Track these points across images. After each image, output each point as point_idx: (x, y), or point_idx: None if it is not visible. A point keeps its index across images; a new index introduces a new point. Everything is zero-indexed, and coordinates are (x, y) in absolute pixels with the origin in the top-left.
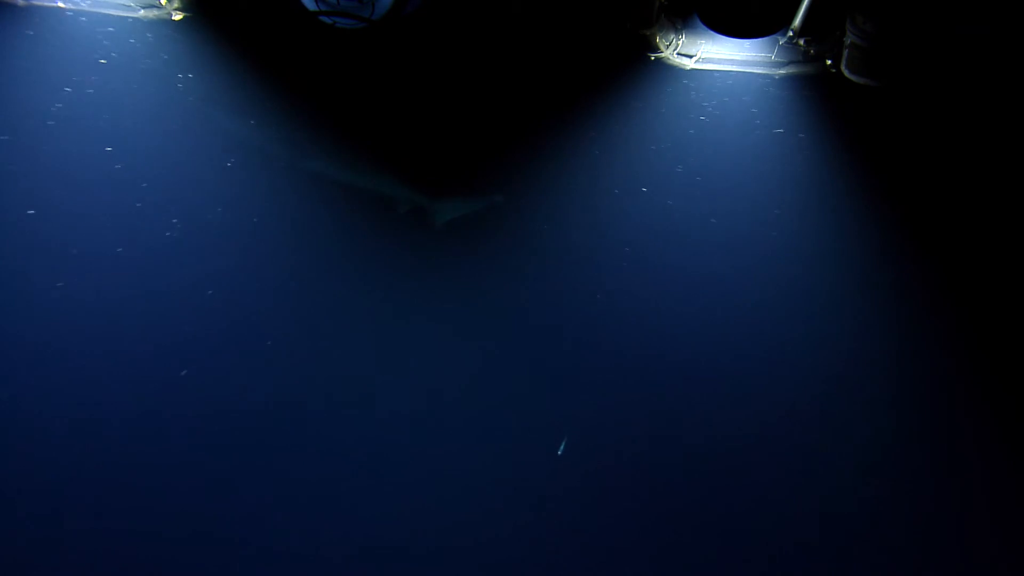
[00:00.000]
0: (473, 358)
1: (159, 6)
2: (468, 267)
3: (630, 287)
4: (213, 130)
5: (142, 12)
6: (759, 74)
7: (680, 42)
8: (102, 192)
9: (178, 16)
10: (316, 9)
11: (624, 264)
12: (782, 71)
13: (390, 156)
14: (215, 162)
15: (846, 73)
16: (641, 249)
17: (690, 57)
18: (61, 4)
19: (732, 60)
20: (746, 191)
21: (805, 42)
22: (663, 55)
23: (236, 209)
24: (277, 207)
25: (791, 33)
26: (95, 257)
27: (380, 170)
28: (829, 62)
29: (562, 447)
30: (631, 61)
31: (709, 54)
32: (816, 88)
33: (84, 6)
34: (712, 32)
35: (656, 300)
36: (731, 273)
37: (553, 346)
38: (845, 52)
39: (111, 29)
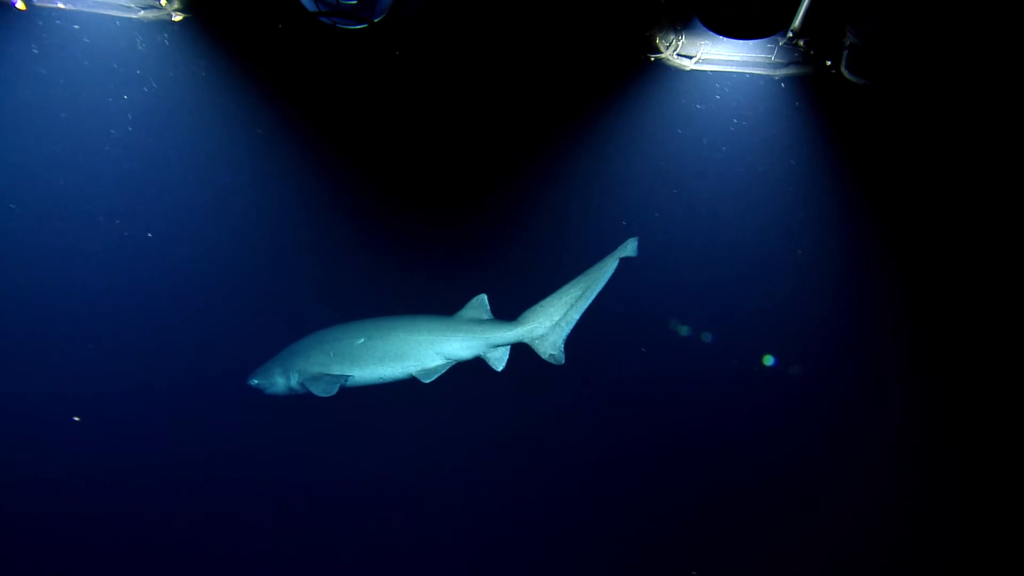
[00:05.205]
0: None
1: (159, 7)
2: (465, 264)
3: (629, 286)
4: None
5: (142, 13)
6: (759, 75)
7: (680, 43)
8: (102, 191)
9: (178, 17)
10: (316, 10)
11: (623, 263)
12: (782, 71)
13: (388, 156)
14: (214, 162)
15: (846, 73)
16: (639, 247)
17: (690, 58)
18: (61, 4)
19: (732, 61)
20: (746, 190)
21: (805, 42)
22: (663, 55)
23: (234, 209)
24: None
25: (791, 33)
26: (94, 255)
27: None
28: (829, 62)
29: None
30: (631, 61)
31: (709, 55)
32: (816, 88)
33: (84, 6)
34: (712, 32)
35: (655, 299)
36: (731, 272)
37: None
38: (845, 52)
39: (111, 29)
